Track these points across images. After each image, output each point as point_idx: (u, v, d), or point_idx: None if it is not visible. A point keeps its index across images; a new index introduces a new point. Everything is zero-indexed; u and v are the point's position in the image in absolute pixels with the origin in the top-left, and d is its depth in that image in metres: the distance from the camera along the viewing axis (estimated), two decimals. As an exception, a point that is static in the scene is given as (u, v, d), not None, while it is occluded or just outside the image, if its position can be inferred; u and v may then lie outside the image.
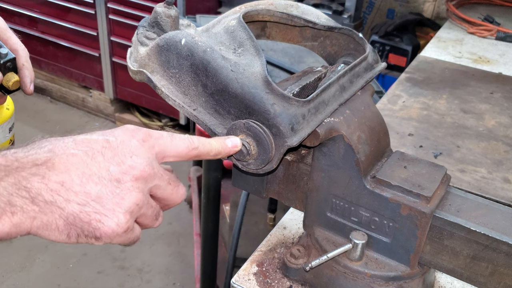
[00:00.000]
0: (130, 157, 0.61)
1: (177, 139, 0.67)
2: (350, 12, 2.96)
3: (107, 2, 3.55)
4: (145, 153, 0.63)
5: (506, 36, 2.28)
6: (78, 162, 0.58)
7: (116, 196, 0.60)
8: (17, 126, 1.07)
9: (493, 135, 1.48)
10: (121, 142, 0.62)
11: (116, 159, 0.60)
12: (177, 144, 0.67)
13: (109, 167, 0.60)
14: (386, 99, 1.65)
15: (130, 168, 0.61)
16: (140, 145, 0.63)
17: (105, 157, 0.60)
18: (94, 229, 0.59)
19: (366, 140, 0.83)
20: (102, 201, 0.59)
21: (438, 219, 0.79)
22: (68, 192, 0.57)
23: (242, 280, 0.93)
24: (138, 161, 0.61)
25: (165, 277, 2.83)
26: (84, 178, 0.58)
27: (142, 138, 0.64)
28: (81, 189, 0.58)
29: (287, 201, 0.94)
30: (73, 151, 0.59)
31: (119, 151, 0.61)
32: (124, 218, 0.60)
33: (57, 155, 0.58)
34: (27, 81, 1.08)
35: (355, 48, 0.93)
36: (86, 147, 0.60)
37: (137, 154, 0.62)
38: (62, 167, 0.57)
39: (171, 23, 0.78)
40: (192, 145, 0.68)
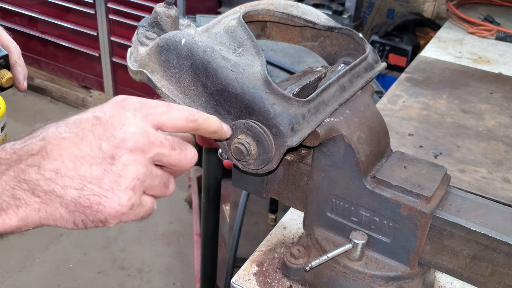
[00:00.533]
0: (120, 128, 0.57)
1: (175, 109, 0.63)
2: (350, 12, 2.96)
3: (107, 2, 3.55)
4: (138, 123, 0.58)
5: (506, 36, 2.28)
6: (70, 145, 0.56)
7: (113, 173, 0.56)
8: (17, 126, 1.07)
9: (493, 135, 1.48)
10: (111, 116, 0.58)
11: (106, 133, 0.57)
12: (175, 115, 0.62)
13: (100, 144, 0.56)
14: (386, 99, 1.65)
15: (122, 140, 0.57)
16: (132, 115, 0.59)
17: (95, 135, 0.57)
18: (97, 212, 0.57)
19: (366, 140, 0.83)
20: (99, 182, 0.56)
21: (438, 219, 0.79)
22: (63, 179, 0.55)
23: (242, 280, 0.93)
24: (129, 131, 0.57)
25: (165, 277, 2.83)
26: (78, 161, 0.56)
27: (134, 108, 0.60)
28: (76, 173, 0.55)
29: (287, 201, 0.94)
30: (64, 134, 0.56)
31: (109, 125, 0.57)
32: (125, 195, 0.57)
33: (49, 142, 0.56)
34: (20, 78, 1.08)
35: (355, 48, 0.93)
36: (76, 128, 0.57)
37: (128, 124, 0.58)
38: (55, 153, 0.56)
39: (171, 23, 0.78)
40: (191, 116, 0.64)
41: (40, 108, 4.31)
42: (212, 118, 0.69)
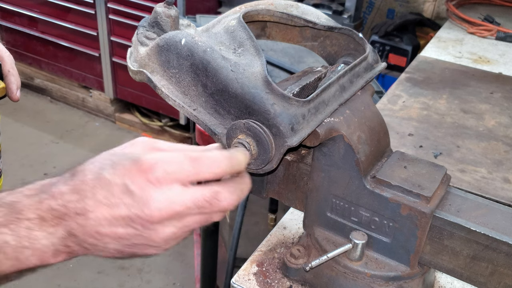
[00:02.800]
0: (145, 204, 0.62)
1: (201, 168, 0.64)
2: (350, 12, 2.96)
3: (107, 2, 3.55)
4: (162, 195, 0.62)
5: (506, 36, 2.28)
6: (106, 210, 0.63)
7: (145, 238, 0.64)
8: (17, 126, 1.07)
9: (493, 135, 1.48)
10: (138, 188, 0.62)
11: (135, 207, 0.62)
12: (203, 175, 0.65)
13: (131, 216, 0.63)
14: (386, 99, 1.65)
15: (149, 216, 0.62)
16: (156, 188, 0.62)
17: (126, 205, 0.62)
18: (141, 255, 0.67)
19: (366, 140, 0.83)
20: (135, 241, 0.64)
21: (438, 219, 0.79)
22: (104, 238, 0.64)
23: (242, 280, 0.93)
24: (154, 208, 0.62)
25: (165, 277, 2.83)
26: (113, 226, 0.63)
27: (157, 179, 0.63)
28: (114, 235, 0.64)
29: (287, 201, 0.94)
30: (99, 197, 0.62)
31: (138, 199, 0.62)
32: (161, 249, 0.66)
33: (89, 204, 0.62)
34: (13, 88, 1.08)
35: (355, 48, 0.93)
36: (109, 195, 0.63)
37: (154, 199, 0.62)
38: (94, 217, 0.63)
39: (171, 23, 0.78)
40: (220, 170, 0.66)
41: (40, 108, 4.31)
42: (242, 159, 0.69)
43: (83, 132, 4.06)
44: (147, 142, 0.68)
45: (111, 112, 4.11)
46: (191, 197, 0.64)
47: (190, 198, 0.64)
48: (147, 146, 0.67)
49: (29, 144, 3.81)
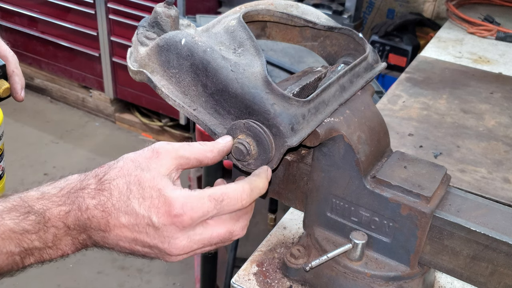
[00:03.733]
0: (168, 242, 0.67)
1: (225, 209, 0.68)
2: (350, 12, 2.96)
3: (107, 2, 3.55)
4: (184, 236, 0.67)
5: (506, 36, 2.28)
6: (128, 234, 0.67)
7: (161, 257, 0.70)
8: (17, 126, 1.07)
9: (493, 135, 1.48)
10: (163, 225, 0.66)
11: (156, 240, 0.67)
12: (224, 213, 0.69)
13: (151, 245, 0.68)
14: (386, 99, 1.65)
15: (167, 250, 0.67)
16: (179, 230, 0.66)
17: (149, 235, 0.67)
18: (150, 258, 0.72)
19: (366, 140, 0.83)
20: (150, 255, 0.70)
21: (438, 219, 0.79)
22: (122, 249, 0.70)
23: (242, 280, 0.93)
24: (174, 247, 0.67)
25: (165, 277, 2.83)
26: (133, 245, 0.69)
27: (183, 226, 0.66)
28: (131, 249, 0.69)
29: (287, 201, 0.94)
30: (123, 220, 0.66)
31: (160, 234, 0.66)
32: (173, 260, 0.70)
33: (111, 224, 0.67)
34: (17, 88, 1.09)
35: (355, 48, 0.93)
36: (134, 221, 0.66)
37: (175, 238, 0.66)
38: (116, 234, 0.67)
39: (171, 23, 0.78)
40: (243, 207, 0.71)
41: (40, 108, 4.31)
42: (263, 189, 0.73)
43: (83, 132, 4.06)
44: (170, 151, 0.69)
45: (111, 112, 4.11)
46: (209, 236, 0.69)
47: (208, 237, 0.69)
48: (172, 157, 0.69)
49: (29, 144, 3.81)
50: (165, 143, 0.70)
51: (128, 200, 0.65)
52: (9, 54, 1.08)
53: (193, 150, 0.70)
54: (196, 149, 0.71)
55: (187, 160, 0.70)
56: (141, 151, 0.69)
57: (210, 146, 0.71)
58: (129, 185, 0.66)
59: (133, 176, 0.66)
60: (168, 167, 0.68)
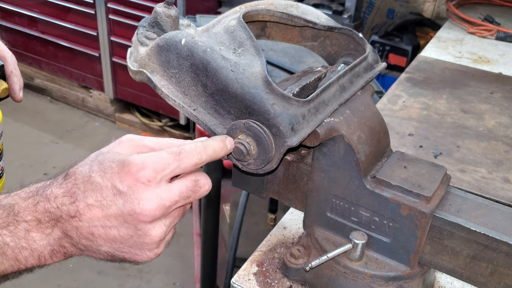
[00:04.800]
0: (138, 204, 0.64)
1: (184, 161, 0.68)
2: (350, 12, 2.96)
3: (107, 2, 3.55)
4: (152, 193, 0.65)
5: (506, 36, 2.28)
6: (98, 212, 0.65)
7: (138, 240, 0.66)
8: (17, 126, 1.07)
9: (493, 135, 1.48)
10: (128, 188, 0.64)
11: (127, 207, 0.64)
12: (186, 167, 0.68)
13: (124, 216, 0.65)
14: (386, 99, 1.65)
15: (141, 215, 0.64)
16: (146, 187, 0.65)
17: (118, 206, 0.65)
18: (131, 260, 0.69)
19: (366, 140, 0.83)
20: (128, 243, 0.66)
21: (438, 219, 0.79)
22: (98, 240, 0.66)
23: (242, 280, 0.93)
24: (146, 207, 0.64)
25: (165, 277, 2.83)
26: (107, 227, 0.65)
27: (147, 179, 0.64)
28: (107, 237, 0.66)
29: (287, 201, 0.94)
30: (91, 201, 0.65)
31: (128, 198, 0.64)
32: (152, 253, 0.68)
33: (81, 208, 0.65)
34: (16, 88, 1.09)
35: (355, 48, 0.93)
36: (100, 197, 0.65)
37: (144, 198, 0.64)
38: (87, 218, 0.65)
39: (171, 23, 0.78)
40: (200, 161, 0.69)
41: (40, 108, 4.31)
42: (218, 148, 0.72)
43: (83, 132, 4.06)
44: (133, 140, 0.69)
45: (111, 112, 4.11)
46: (178, 190, 0.67)
47: (177, 191, 0.67)
48: (133, 144, 0.69)
49: (29, 144, 3.81)
50: (132, 134, 0.71)
51: (90, 178, 0.65)
52: (7, 54, 1.08)
53: (158, 141, 0.70)
54: (162, 142, 0.70)
55: (150, 150, 0.69)
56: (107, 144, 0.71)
57: (178, 142, 0.71)
58: (91, 168, 0.66)
59: (95, 161, 0.67)
60: (127, 152, 0.67)
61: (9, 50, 1.09)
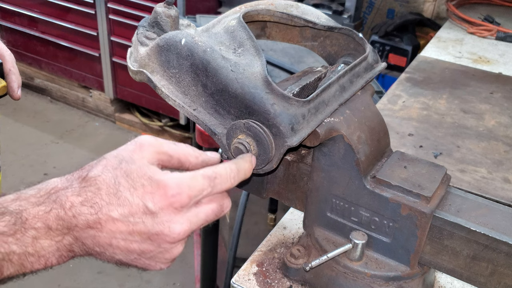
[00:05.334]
0: (168, 226, 0.64)
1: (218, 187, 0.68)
2: (350, 12, 2.96)
3: (107, 2, 3.55)
4: (183, 218, 0.65)
5: (506, 36, 2.28)
6: (122, 228, 0.63)
7: (158, 254, 0.67)
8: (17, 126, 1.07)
9: (493, 135, 1.48)
10: (160, 209, 0.63)
11: (156, 227, 0.64)
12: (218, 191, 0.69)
13: (150, 235, 0.64)
14: (386, 99, 1.65)
15: (168, 237, 0.65)
16: (178, 212, 0.65)
17: (146, 225, 0.63)
18: (141, 268, 0.69)
19: (366, 140, 0.83)
20: (146, 256, 0.66)
21: (438, 219, 0.79)
22: (115, 250, 0.65)
23: (242, 280, 0.93)
24: (175, 231, 0.65)
25: (165, 277, 2.83)
26: (128, 241, 0.64)
27: (181, 205, 0.64)
28: (126, 249, 0.65)
29: (287, 201, 0.94)
30: (116, 215, 0.63)
31: (159, 220, 0.64)
32: (166, 265, 0.69)
33: (103, 220, 0.63)
34: (14, 86, 1.09)
35: (355, 48, 0.93)
36: (127, 213, 0.63)
37: (175, 221, 0.64)
38: (109, 230, 0.63)
39: (171, 23, 0.78)
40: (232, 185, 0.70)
41: (40, 108, 4.31)
42: (248, 171, 0.72)
43: (83, 132, 4.06)
44: (153, 146, 0.67)
45: (111, 112, 4.11)
46: (205, 216, 0.68)
47: (204, 216, 0.68)
48: (154, 151, 0.67)
49: (29, 144, 3.81)
50: (149, 137, 0.69)
51: (118, 192, 0.62)
52: (5, 52, 1.08)
53: (177, 149, 0.69)
54: (181, 150, 0.69)
55: (169, 157, 0.68)
56: (124, 146, 0.68)
57: (196, 153, 0.70)
58: (116, 179, 0.63)
59: (118, 170, 0.64)
60: (149, 159, 0.66)
61: (7, 49, 1.09)
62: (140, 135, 0.70)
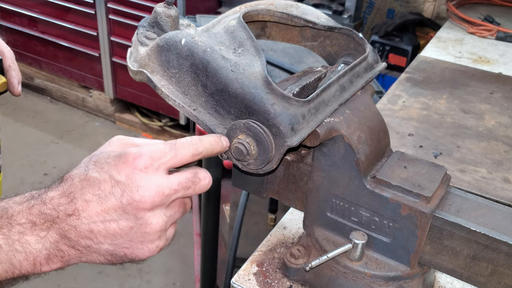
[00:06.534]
0: (137, 191, 0.64)
1: (180, 151, 0.68)
2: (350, 12, 2.96)
3: (107, 2, 3.55)
4: (150, 180, 0.65)
5: (506, 36, 2.28)
6: (97, 208, 0.64)
7: (139, 230, 0.65)
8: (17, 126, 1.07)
9: (493, 135, 1.48)
10: (126, 177, 0.64)
11: (125, 196, 0.64)
12: (182, 157, 0.69)
13: (123, 207, 0.64)
14: (386, 99, 1.65)
15: (141, 202, 0.64)
16: (144, 174, 0.65)
17: (116, 197, 0.64)
18: (131, 258, 0.68)
19: (366, 140, 0.83)
20: (128, 237, 0.66)
21: (438, 219, 0.79)
22: (98, 237, 0.65)
23: (242, 280, 0.93)
24: (145, 194, 0.64)
25: (165, 277, 2.83)
26: (106, 222, 0.65)
27: (144, 166, 0.65)
28: (106, 232, 0.65)
29: (287, 201, 0.94)
30: (89, 196, 0.64)
31: (127, 187, 0.64)
32: (154, 245, 0.68)
33: (80, 205, 0.64)
34: (14, 82, 1.09)
35: (355, 48, 0.93)
36: (98, 190, 0.64)
37: (143, 185, 0.64)
38: (86, 215, 0.64)
39: (171, 23, 0.78)
40: (196, 151, 0.70)
41: (40, 108, 4.31)
42: (213, 142, 0.73)
43: (83, 132, 4.06)
44: (122, 140, 0.70)
45: (111, 112, 4.11)
46: (177, 179, 0.67)
47: (176, 180, 0.67)
48: (123, 143, 0.70)
49: (29, 144, 3.81)
50: (121, 135, 0.72)
51: (87, 176, 0.65)
52: (5, 49, 1.08)
53: (147, 141, 0.71)
54: (151, 143, 0.70)
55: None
56: None
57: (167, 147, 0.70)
58: (86, 167, 0.66)
59: (89, 162, 0.67)
60: (118, 150, 0.68)
61: (7, 45, 1.09)
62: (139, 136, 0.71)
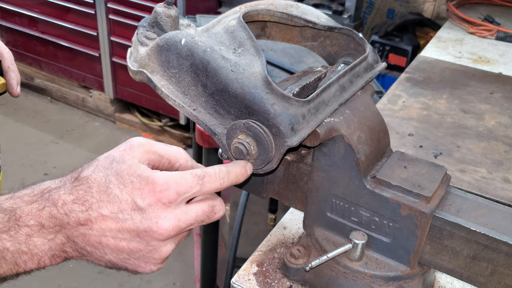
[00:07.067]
0: (156, 222, 0.65)
1: (206, 186, 0.68)
2: (350, 12, 2.96)
3: (107, 2, 3.55)
4: (171, 214, 0.65)
5: (506, 36, 2.28)
6: (111, 225, 0.64)
7: (147, 254, 0.67)
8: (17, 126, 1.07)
9: (493, 135, 1.48)
10: (149, 205, 0.64)
11: (144, 224, 0.64)
12: (207, 191, 0.69)
13: (138, 232, 0.65)
14: (386, 99, 1.65)
15: (157, 234, 0.65)
16: (166, 208, 0.65)
17: (134, 221, 0.64)
18: (132, 270, 0.69)
19: (366, 140, 0.83)
20: (135, 256, 0.67)
21: (438, 219, 0.79)
22: (104, 249, 0.66)
23: (242, 280, 0.93)
24: (163, 226, 0.65)
25: (165, 277, 2.83)
26: (117, 239, 0.65)
27: (169, 200, 0.65)
28: (115, 247, 0.66)
29: (287, 201, 0.94)
30: (105, 211, 0.64)
31: (147, 216, 0.64)
32: (156, 267, 0.69)
33: (93, 217, 0.64)
34: (13, 83, 1.10)
35: (355, 48, 0.93)
36: (117, 209, 0.64)
37: (164, 217, 0.65)
38: (98, 227, 0.64)
39: (171, 23, 0.78)
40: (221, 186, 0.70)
41: (40, 108, 4.31)
42: (240, 175, 0.73)
43: (83, 132, 4.06)
44: (143, 145, 0.69)
45: (111, 112, 4.11)
46: (195, 214, 0.68)
47: (194, 215, 0.68)
48: (144, 150, 0.69)
49: (29, 144, 3.81)
50: (141, 138, 0.70)
51: (108, 189, 0.64)
52: (4, 50, 1.09)
53: (168, 150, 0.70)
54: (171, 150, 0.70)
55: (159, 157, 0.70)
56: (116, 147, 0.69)
57: (186, 156, 0.72)
58: (107, 177, 0.65)
59: (109, 169, 0.65)
60: (140, 158, 0.67)
61: (6, 46, 1.09)
62: (139, 136, 0.70)
